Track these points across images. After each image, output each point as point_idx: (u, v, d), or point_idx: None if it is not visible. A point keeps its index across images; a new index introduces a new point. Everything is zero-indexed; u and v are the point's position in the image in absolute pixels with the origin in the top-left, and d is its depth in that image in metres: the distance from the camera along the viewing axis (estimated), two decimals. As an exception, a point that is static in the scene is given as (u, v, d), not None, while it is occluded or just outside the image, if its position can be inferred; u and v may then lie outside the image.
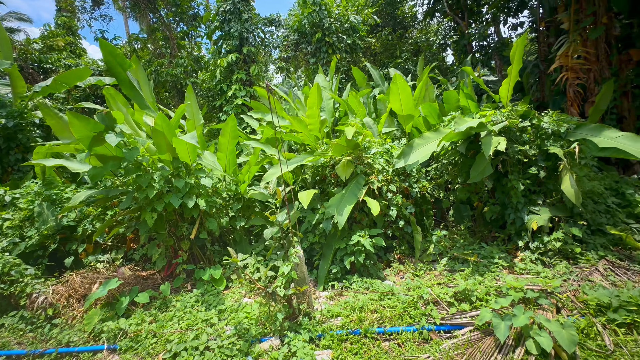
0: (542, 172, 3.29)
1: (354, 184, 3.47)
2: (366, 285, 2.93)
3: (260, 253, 3.71)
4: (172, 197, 3.15)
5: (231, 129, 3.59)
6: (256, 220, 3.76)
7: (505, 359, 1.77)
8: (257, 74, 7.54)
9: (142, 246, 3.61)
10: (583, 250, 2.96)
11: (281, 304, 2.25)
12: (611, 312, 1.93)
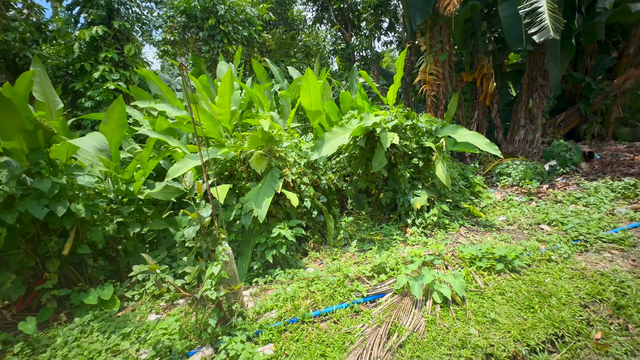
0: (421, 162, 4.07)
1: (269, 177, 3.43)
2: (290, 275, 2.96)
3: (164, 261, 3.21)
4: (32, 205, 2.37)
5: (118, 115, 2.95)
6: (156, 224, 3.23)
7: (420, 311, 2.14)
8: (134, 55, 6.38)
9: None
10: (450, 222, 3.84)
11: (211, 308, 2.03)
12: (478, 262, 2.60)
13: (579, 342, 1.80)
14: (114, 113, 2.89)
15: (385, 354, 1.83)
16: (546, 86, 6.43)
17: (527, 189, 4.87)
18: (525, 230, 3.37)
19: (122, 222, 3.20)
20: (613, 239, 2.79)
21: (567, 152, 5.52)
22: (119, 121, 2.98)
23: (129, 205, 3.21)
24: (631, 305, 2.00)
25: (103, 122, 2.92)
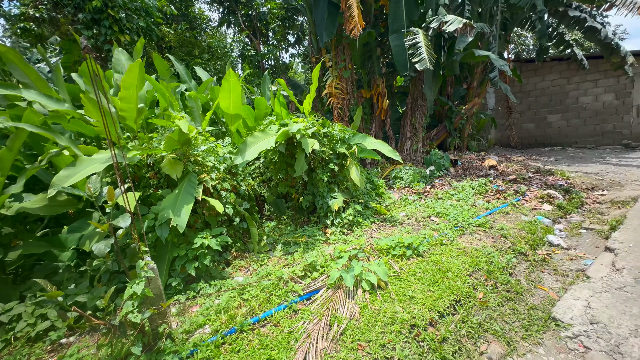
0: (336, 167, 4.42)
1: (186, 183, 3.14)
2: (217, 287, 2.76)
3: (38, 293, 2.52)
4: None
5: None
6: (31, 247, 2.52)
7: (353, 300, 2.35)
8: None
9: None
10: (363, 220, 4.29)
11: (133, 335, 1.73)
12: (392, 251, 3.02)
13: (469, 303, 2.31)
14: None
15: (329, 344, 1.94)
16: (424, 106, 7.92)
17: (416, 190, 5.86)
18: (421, 222, 4.07)
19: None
20: (478, 224, 3.68)
21: (440, 159, 6.93)
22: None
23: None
24: (496, 270, 2.69)
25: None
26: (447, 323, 2.09)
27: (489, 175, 6.13)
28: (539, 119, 11.51)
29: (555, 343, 1.90)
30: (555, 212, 4.20)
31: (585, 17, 8.17)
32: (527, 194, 4.82)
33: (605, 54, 8.32)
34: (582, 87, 10.48)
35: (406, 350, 1.86)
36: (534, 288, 2.55)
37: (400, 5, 6.80)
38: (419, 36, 6.18)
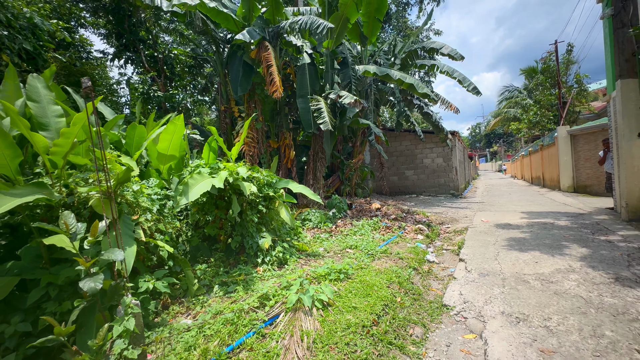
0: (264, 208, 4.85)
1: (122, 225, 2.98)
2: (167, 331, 2.65)
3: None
4: None
5: None
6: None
7: (312, 317, 2.76)
8: None
9: None
10: (289, 256, 4.74)
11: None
12: (329, 276, 3.60)
13: (393, 305, 3.10)
14: None
15: (306, 352, 2.29)
16: (324, 158, 9.34)
17: (324, 229, 6.75)
18: (339, 254, 4.85)
19: None
20: (382, 251, 4.74)
21: (340, 203, 8.21)
22: None
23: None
24: (404, 281, 3.64)
25: None
26: (384, 321, 2.78)
27: (377, 215, 7.70)
28: (400, 172, 14.99)
29: (449, 319, 2.85)
30: (425, 240, 5.78)
31: (423, 105, 11.81)
32: (406, 228, 6.40)
33: (435, 131, 12.08)
34: (424, 152, 14.51)
35: (364, 342, 2.42)
36: (428, 290, 3.59)
37: (305, 77, 8.28)
38: (321, 103, 7.65)
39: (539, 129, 19.78)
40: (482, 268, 3.97)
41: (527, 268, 3.82)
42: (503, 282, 3.44)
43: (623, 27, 5.33)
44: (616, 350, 2.12)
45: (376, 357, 2.30)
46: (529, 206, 9.44)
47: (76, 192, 2.96)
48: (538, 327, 2.48)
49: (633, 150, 5.45)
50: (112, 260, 1.80)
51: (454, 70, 10.42)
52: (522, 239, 5.19)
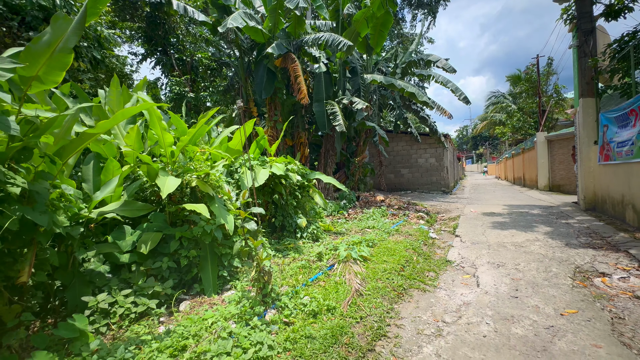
0: (300, 195, 5.99)
1: (217, 200, 4.09)
2: (276, 267, 3.78)
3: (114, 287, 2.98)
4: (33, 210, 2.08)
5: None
6: (103, 248, 2.98)
7: (357, 265, 3.94)
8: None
9: None
10: (319, 233, 5.90)
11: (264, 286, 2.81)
12: (360, 244, 4.79)
13: (412, 261, 4.31)
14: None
15: (361, 281, 3.47)
16: (334, 156, 10.52)
17: (339, 216, 7.94)
18: (360, 232, 6.05)
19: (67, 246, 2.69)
20: (395, 230, 5.97)
21: (350, 195, 9.42)
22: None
23: (77, 225, 2.78)
24: (416, 248, 4.87)
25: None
26: (408, 269, 3.99)
27: (382, 206, 8.94)
28: (396, 171, 16.34)
29: (451, 268, 4.10)
30: (426, 224, 7.06)
31: (420, 110, 13.13)
32: (409, 215, 7.67)
33: (431, 133, 13.43)
34: (418, 152, 15.89)
35: (398, 278, 3.62)
36: (434, 254, 4.84)
37: (321, 84, 9.43)
38: (336, 107, 8.82)
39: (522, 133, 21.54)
40: (473, 240, 5.27)
41: (506, 239, 5.13)
42: (489, 247, 4.73)
43: (585, 57, 6.72)
44: (557, 277, 3.40)
45: (407, 285, 3.52)
46: (510, 201, 10.92)
47: (185, 176, 4.04)
48: (511, 269, 3.76)
49: (590, 154, 6.87)
50: (251, 228, 2.92)
51: (447, 80, 11.77)
52: (503, 222, 6.54)
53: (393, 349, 2.25)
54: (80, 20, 2.17)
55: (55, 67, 2.17)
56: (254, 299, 2.73)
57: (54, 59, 2.14)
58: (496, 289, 3.23)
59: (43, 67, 2.14)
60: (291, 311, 2.68)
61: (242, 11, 7.68)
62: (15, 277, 2.08)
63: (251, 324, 2.40)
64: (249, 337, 2.20)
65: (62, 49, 2.16)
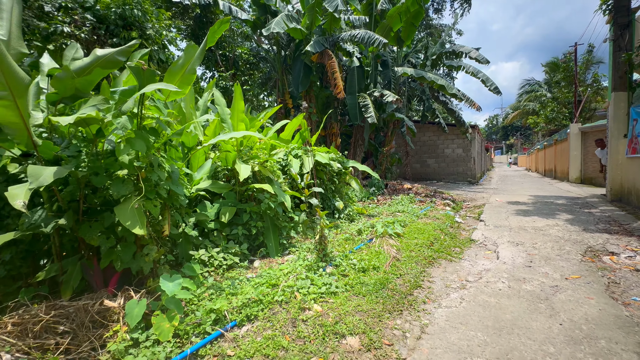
0: (337, 181, 6.74)
1: (274, 182, 4.92)
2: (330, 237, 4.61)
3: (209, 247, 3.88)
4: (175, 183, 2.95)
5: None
6: (199, 216, 3.88)
7: (392, 240, 4.66)
8: None
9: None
10: (355, 215, 6.65)
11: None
12: (393, 224, 5.49)
13: (440, 239, 4.97)
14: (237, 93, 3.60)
15: (396, 252, 4.20)
16: (362, 145, 11.14)
17: (369, 202, 8.64)
18: (391, 215, 6.74)
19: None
20: (424, 214, 6.60)
21: (378, 182, 10.06)
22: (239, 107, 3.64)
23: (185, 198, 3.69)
24: (444, 229, 5.50)
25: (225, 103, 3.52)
26: (436, 244, 4.67)
27: (409, 193, 9.53)
28: (422, 160, 16.66)
29: (475, 245, 4.72)
30: (452, 210, 7.62)
31: (448, 101, 13.34)
32: (436, 202, 8.24)
33: (457, 124, 13.64)
34: (445, 142, 16.09)
35: (428, 250, 4.31)
36: (459, 234, 5.46)
37: (354, 78, 10.00)
38: (368, 100, 9.39)
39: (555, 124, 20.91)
40: (497, 223, 5.83)
41: (527, 224, 5.64)
42: (510, 230, 5.29)
43: (620, 50, 6.81)
44: (569, 254, 3.95)
45: (436, 256, 4.21)
46: (537, 192, 11.10)
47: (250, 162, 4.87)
48: (528, 247, 4.34)
49: (619, 147, 7.04)
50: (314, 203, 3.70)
51: (478, 71, 11.90)
52: (526, 210, 6.98)
53: (427, 294, 2.99)
54: (202, 49, 2.99)
55: (184, 82, 3.02)
56: (317, 257, 3.55)
57: (184, 77, 2.99)
58: (513, 261, 3.85)
59: (177, 82, 2.99)
60: (345, 268, 3.47)
61: (284, 14, 8.36)
62: (161, 231, 2.99)
63: (318, 274, 3.22)
64: (320, 280, 3.02)
65: (190, 70, 3.00)
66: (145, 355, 1.89)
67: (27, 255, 2.74)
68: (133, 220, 2.30)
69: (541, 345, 2.10)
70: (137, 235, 2.60)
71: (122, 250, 2.60)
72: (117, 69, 2.96)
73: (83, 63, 2.79)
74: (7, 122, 2.06)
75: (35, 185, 1.88)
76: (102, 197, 2.80)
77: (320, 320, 2.38)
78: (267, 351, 2.06)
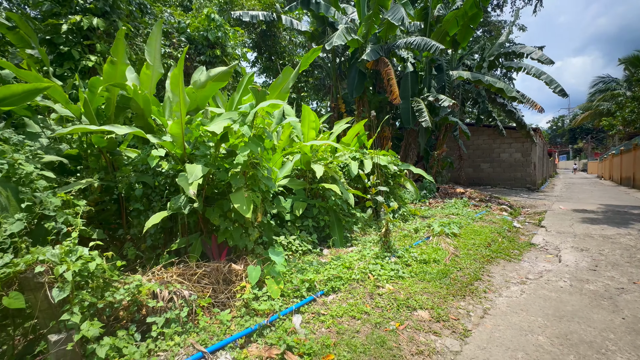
0: (392, 182, 7.10)
1: (339, 182, 5.46)
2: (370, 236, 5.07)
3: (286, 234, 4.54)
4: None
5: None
6: (279, 207, 4.55)
7: (449, 239, 4.92)
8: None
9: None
10: (408, 216, 6.94)
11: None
12: (449, 225, 5.72)
13: (496, 242, 5.10)
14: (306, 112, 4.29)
15: (454, 249, 4.48)
16: (415, 149, 11.28)
17: (421, 204, 8.81)
18: (445, 217, 6.91)
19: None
20: (479, 218, 6.67)
21: (430, 185, 10.15)
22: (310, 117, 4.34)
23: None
24: (501, 232, 5.58)
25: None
26: (494, 245, 4.83)
27: (463, 197, 9.48)
28: (475, 165, 16.10)
29: (535, 249, 4.78)
30: (510, 216, 7.51)
31: (506, 103, 12.84)
32: (492, 207, 8.15)
33: (518, 127, 13.03)
34: (502, 146, 15.37)
35: (485, 250, 4.51)
36: (518, 239, 5.50)
37: (408, 83, 10.24)
38: (422, 104, 9.57)
39: (635, 127, 18.60)
40: (559, 230, 5.73)
41: (594, 232, 5.46)
42: (574, 236, 5.21)
43: None
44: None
45: (494, 256, 4.40)
46: (608, 201, 10.22)
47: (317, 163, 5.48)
48: (594, 253, 4.31)
49: None
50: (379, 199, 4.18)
51: (542, 72, 11.31)
52: (595, 218, 6.64)
53: (487, 286, 3.28)
54: (295, 72, 3.65)
55: (280, 98, 3.71)
56: (382, 248, 4.02)
57: (280, 94, 3.68)
58: (576, 264, 3.92)
59: (275, 97, 3.69)
60: (407, 259, 3.89)
61: (343, 27, 8.97)
62: (255, 217, 3.71)
63: (385, 261, 3.69)
64: (388, 266, 3.48)
65: (285, 89, 3.68)
66: (264, 305, 2.54)
67: (163, 231, 3.62)
68: (244, 206, 3.00)
69: (601, 332, 2.34)
70: (245, 218, 3.32)
71: (234, 230, 3.33)
72: (226, 83, 3.76)
73: (200, 81, 3.63)
74: (175, 133, 2.88)
75: (192, 179, 2.64)
76: (216, 188, 3.59)
77: (394, 296, 2.86)
78: (353, 314, 2.59)
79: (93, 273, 1.84)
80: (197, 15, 8.08)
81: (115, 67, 3.17)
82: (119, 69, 3.22)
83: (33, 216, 2.30)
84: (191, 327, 2.23)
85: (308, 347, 2.09)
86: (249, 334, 2.24)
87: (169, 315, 2.14)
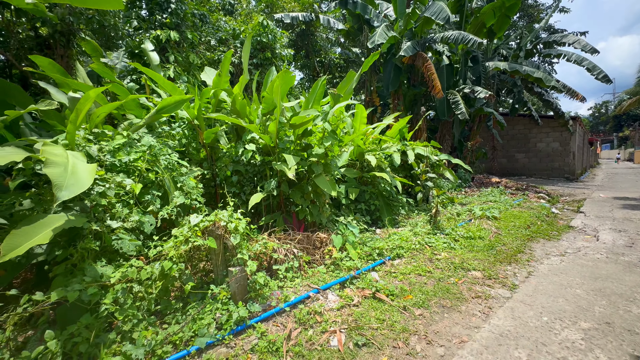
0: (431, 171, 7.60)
1: (386, 170, 6.08)
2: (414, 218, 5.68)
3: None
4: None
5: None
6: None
7: (490, 222, 5.42)
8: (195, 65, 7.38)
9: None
10: (448, 202, 7.43)
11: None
12: (489, 209, 6.18)
13: (535, 224, 5.52)
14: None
15: (496, 229, 5.00)
16: (449, 140, 11.57)
17: (457, 193, 9.21)
18: (483, 204, 7.33)
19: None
20: (517, 204, 7.04)
21: (465, 175, 10.47)
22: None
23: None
24: (540, 217, 5.98)
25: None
26: (533, 227, 5.27)
27: (499, 186, 9.75)
28: (510, 155, 15.98)
29: (574, 231, 5.18)
30: (548, 203, 7.77)
31: (544, 92, 12.71)
32: (529, 195, 8.42)
33: (556, 116, 12.87)
34: (538, 136, 15.15)
35: (525, 231, 4.98)
36: (556, 222, 5.88)
37: (443, 76, 10.53)
38: (457, 96, 9.86)
39: (689, 112, 17.41)
40: (598, 215, 6.02)
41: (635, 216, 5.72)
42: (613, 220, 5.52)
43: None
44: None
45: (534, 236, 4.87)
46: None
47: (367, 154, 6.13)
48: (632, 233, 4.67)
49: None
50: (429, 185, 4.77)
51: (582, 59, 11.12)
52: (636, 205, 6.80)
53: (529, 257, 3.83)
54: (358, 75, 4.32)
55: (345, 99, 4.39)
56: (433, 226, 4.64)
57: (346, 94, 4.36)
58: (613, 242, 4.33)
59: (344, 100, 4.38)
60: (455, 236, 4.48)
61: (383, 25, 9.44)
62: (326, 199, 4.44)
63: (435, 237, 4.31)
64: (440, 239, 4.11)
65: (348, 90, 4.36)
66: (349, 263, 3.28)
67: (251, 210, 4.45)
68: (327, 186, 3.74)
69: (631, 288, 2.85)
70: (321, 198, 4.07)
71: (312, 208, 4.10)
72: (292, 85, 4.49)
73: (270, 83, 4.38)
74: (272, 131, 3.66)
75: (291, 165, 3.41)
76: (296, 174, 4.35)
77: (450, 261, 3.50)
78: (418, 272, 3.27)
79: (244, 230, 2.65)
80: (246, 21, 8.88)
81: (220, 78, 4.00)
82: (222, 79, 4.04)
83: (184, 194, 3.18)
84: (301, 274, 3.01)
85: (391, 290, 2.81)
86: (343, 282, 2.99)
87: (287, 265, 2.93)
